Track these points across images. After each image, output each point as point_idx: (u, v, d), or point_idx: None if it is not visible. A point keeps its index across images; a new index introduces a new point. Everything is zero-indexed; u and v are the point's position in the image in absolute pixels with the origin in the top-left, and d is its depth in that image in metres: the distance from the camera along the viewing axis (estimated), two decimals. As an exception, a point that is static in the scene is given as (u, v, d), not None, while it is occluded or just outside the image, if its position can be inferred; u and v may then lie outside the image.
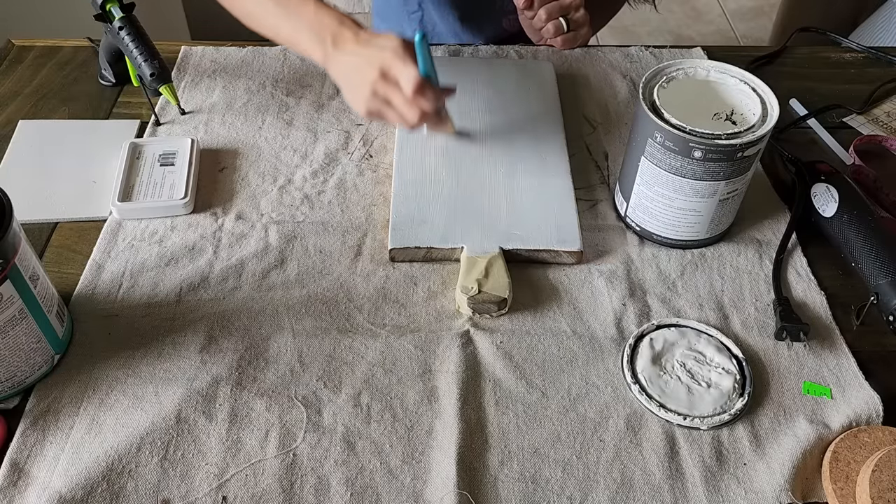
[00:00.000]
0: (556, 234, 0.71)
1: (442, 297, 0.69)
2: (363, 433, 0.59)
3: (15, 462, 0.56)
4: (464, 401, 0.60)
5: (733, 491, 0.56)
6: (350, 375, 0.62)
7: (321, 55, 0.71)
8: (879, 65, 0.99)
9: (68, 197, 0.77)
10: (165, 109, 0.87)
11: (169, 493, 0.55)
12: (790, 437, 0.59)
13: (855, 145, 0.83)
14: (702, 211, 0.69)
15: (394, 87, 0.67)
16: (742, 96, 0.69)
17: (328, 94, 0.90)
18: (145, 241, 0.73)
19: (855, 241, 0.70)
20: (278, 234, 0.73)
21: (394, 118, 0.69)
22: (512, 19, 1.06)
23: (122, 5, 0.79)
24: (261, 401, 0.60)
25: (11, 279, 0.55)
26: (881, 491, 0.53)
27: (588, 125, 0.88)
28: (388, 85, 0.67)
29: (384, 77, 0.67)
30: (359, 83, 0.68)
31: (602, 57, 0.97)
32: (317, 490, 0.55)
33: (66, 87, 0.91)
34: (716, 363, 0.63)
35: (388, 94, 0.67)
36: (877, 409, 0.60)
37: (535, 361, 0.64)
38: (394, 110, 0.68)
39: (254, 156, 0.82)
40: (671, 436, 0.59)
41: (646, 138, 0.67)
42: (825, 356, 0.65)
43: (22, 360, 0.59)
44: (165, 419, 0.59)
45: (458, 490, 0.55)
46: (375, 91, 0.67)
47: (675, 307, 0.68)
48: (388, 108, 0.68)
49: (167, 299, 0.68)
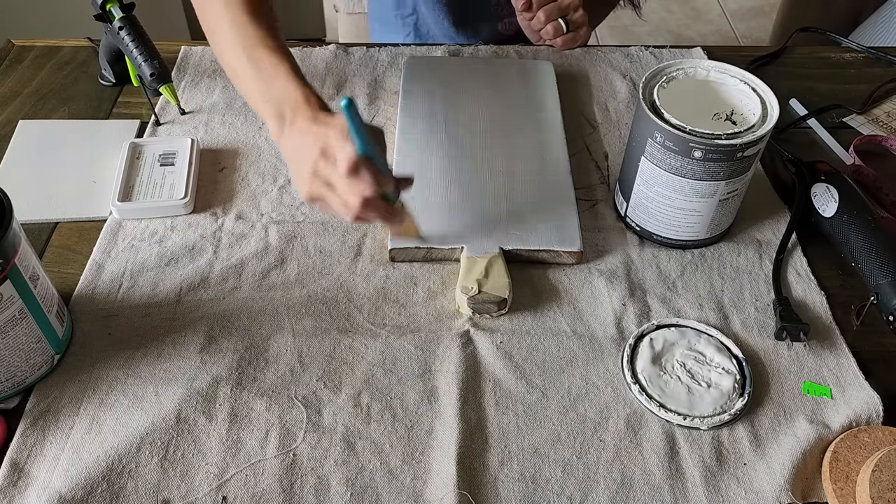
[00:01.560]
0: (556, 234, 0.71)
1: (442, 297, 0.69)
2: (363, 433, 0.59)
3: (15, 462, 0.56)
4: (464, 401, 0.60)
5: (733, 491, 0.56)
6: (350, 375, 0.62)
7: (276, 129, 0.65)
8: (879, 65, 0.99)
9: (68, 197, 0.77)
10: (165, 109, 0.87)
11: (169, 493, 0.55)
12: (790, 437, 0.59)
13: (855, 145, 0.83)
14: (702, 211, 0.69)
15: (333, 168, 0.60)
16: (742, 96, 0.69)
17: (328, 94, 0.90)
18: (145, 241, 0.73)
19: (855, 241, 0.70)
20: (278, 234, 0.73)
21: (336, 204, 0.62)
22: (507, 23, 1.05)
23: (122, 5, 0.79)
24: (261, 401, 0.60)
25: (11, 279, 0.55)
26: (881, 491, 0.53)
27: (588, 125, 0.88)
28: (328, 164, 0.60)
29: (324, 155, 0.60)
30: (302, 163, 0.62)
31: (602, 57, 0.97)
32: (317, 490, 0.55)
33: (66, 87, 0.91)
34: (716, 363, 0.63)
35: (328, 176, 0.60)
36: (877, 409, 0.60)
37: (535, 361, 0.64)
38: (336, 195, 0.61)
39: (254, 156, 0.82)
40: (671, 436, 0.59)
41: (646, 138, 0.67)
42: (825, 356, 0.65)
43: (22, 360, 0.59)
44: (165, 419, 0.59)
45: (458, 490, 0.55)
46: (316, 171, 0.61)
47: (675, 307, 0.68)
48: (329, 192, 0.61)
49: (167, 299, 0.68)
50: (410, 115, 0.84)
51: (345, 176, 0.59)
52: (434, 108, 0.85)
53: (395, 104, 0.88)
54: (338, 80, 0.92)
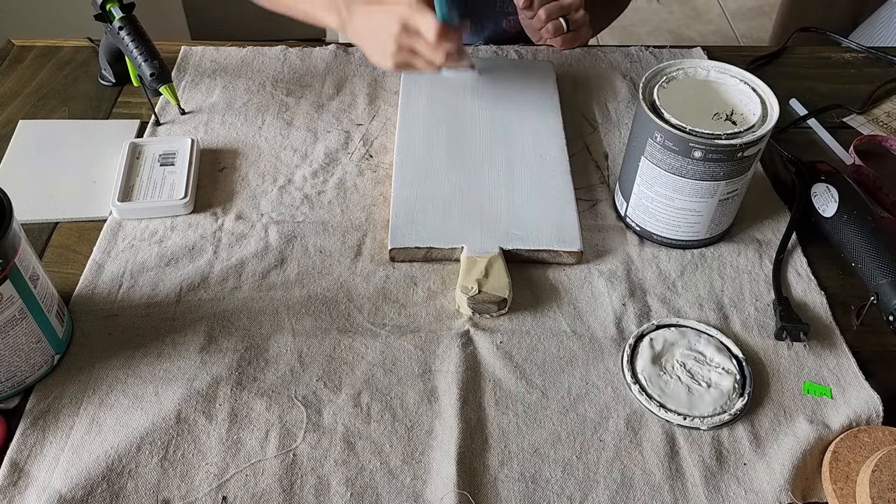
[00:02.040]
0: (556, 234, 0.71)
1: (442, 297, 0.69)
2: (363, 433, 0.59)
3: (15, 462, 0.56)
4: (464, 401, 0.60)
5: (733, 491, 0.56)
6: (350, 375, 0.62)
7: (337, 21, 0.77)
8: (879, 65, 0.99)
9: (68, 197, 0.77)
10: (165, 109, 0.87)
11: (169, 493, 0.55)
12: (790, 437, 0.59)
13: (855, 145, 0.83)
14: (702, 211, 0.69)
15: (416, 36, 0.72)
16: (742, 96, 0.69)
17: (328, 94, 0.90)
18: (145, 241, 0.73)
19: (855, 241, 0.70)
20: (278, 234, 0.73)
21: (421, 65, 0.75)
22: (512, 20, 1.05)
23: (122, 5, 0.79)
24: (261, 401, 0.60)
25: (11, 279, 0.55)
26: (881, 491, 0.53)
27: (588, 125, 0.88)
28: (410, 36, 0.72)
29: (405, 29, 0.72)
30: (382, 40, 0.73)
31: (602, 57, 0.97)
32: (317, 490, 0.55)
33: (66, 87, 0.91)
34: (716, 363, 0.63)
35: (412, 44, 0.73)
36: (877, 409, 0.60)
37: (535, 361, 0.64)
38: (420, 58, 0.74)
39: (254, 156, 0.82)
40: (671, 436, 0.59)
41: (646, 138, 0.67)
42: (825, 356, 0.65)
43: (22, 360, 0.59)
44: (165, 419, 0.59)
45: (458, 490, 0.55)
46: (400, 44, 0.73)
47: (675, 307, 0.68)
48: (414, 58, 0.74)
49: (167, 299, 0.68)
50: (410, 115, 0.84)
51: (433, 42, 0.71)
52: (434, 108, 0.85)
53: (395, 104, 0.88)
54: (338, 80, 0.92)
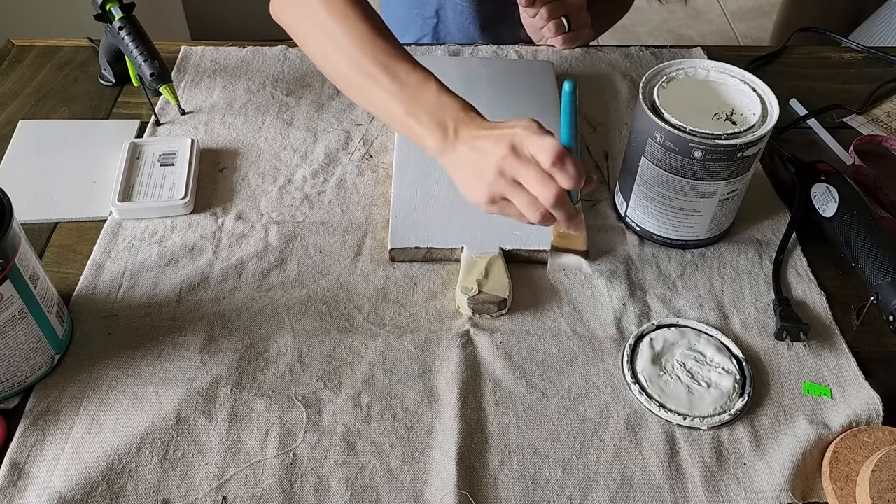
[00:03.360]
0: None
1: (442, 297, 0.69)
2: (363, 433, 0.59)
3: (15, 462, 0.56)
4: (464, 401, 0.60)
5: (733, 491, 0.56)
6: (350, 375, 0.62)
7: (439, 141, 0.61)
8: (879, 65, 0.99)
9: (68, 197, 0.77)
10: (165, 109, 0.87)
11: (169, 493, 0.55)
12: (790, 437, 0.59)
13: (855, 145, 0.83)
14: (702, 211, 0.69)
15: (526, 162, 0.56)
16: (742, 96, 0.69)
17: (328, 94, 0.90)
18: (145, 241, 0.73)
19: (855, 241, 0.70)
20: (278, 234, 0.73)
21: (522, 202, 0.58)
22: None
23: (122, 5, 0.79)
24: (261, 401, 0.60)
25: (11, 279, 0.55)
26: (881, 491, 0.53)
27: (588, 125, 0.88)
28: (519, 161, 0.56)
29: (514, 152, 0.57)
30: (482, 167, 0.58)
31: (602, 57, 0.97)
32: (317, 490, 0.55)
33: (66, 87, 0.91)
34: (716, 363, 0.63)
35: (517, 172, 0.57)
36: (877, 409, 0.60)
37: (535, 361, 0.64)
38: (522, 192, 0.57)
39: (254, 156, 0.82)
40: (671, 436, 0.59)
41: (646, 138, 0.67)
42: (825, 356, 0.65)
43: (22, 360, 0.59)
44: (165, 419, 0.59)
45: (458, 490, 0.55)
46: (502, 170, 0.57)
47: (675, 307, 0.68)
48: (516, 190, 0.58)
49: (167, 299, 0.68)
50: (410, 115, 0.84)
51: (549, 166, 0.55)
52: (434, 108, 0.84)
53: (395, 104, 0.88)
54: (338, 80, 0.92)
